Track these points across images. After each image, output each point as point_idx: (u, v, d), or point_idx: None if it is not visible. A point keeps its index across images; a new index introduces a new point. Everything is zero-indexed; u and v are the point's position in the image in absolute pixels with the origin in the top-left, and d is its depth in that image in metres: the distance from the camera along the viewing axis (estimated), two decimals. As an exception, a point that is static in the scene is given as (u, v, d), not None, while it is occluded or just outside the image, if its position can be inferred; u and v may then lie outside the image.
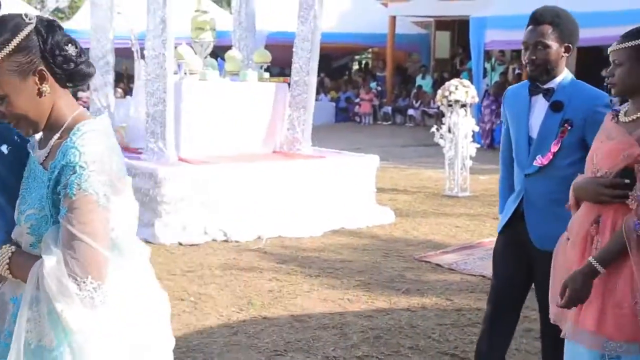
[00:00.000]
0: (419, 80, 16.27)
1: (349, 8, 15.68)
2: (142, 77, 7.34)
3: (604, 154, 1.97)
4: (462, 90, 7.71)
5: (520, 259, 2.64)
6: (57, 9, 18.27)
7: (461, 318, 4.13)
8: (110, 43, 7.49)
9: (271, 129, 7.18)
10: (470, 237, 6.21)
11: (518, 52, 11.94)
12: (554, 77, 2.52)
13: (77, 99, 5.67)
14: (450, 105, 7.81)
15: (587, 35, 8.52)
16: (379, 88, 17.18)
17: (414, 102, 15.45)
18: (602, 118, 2.21)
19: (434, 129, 8.59)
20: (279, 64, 8.13)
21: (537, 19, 2.50)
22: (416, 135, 13.80)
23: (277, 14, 12.66)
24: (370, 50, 20.34)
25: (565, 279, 1.97)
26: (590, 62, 12.70)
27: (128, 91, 12.70)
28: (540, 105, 2.56)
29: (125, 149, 6.74)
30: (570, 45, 2.50)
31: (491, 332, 2.76)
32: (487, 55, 13.21)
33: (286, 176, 6.52)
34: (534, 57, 2.48)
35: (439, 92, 8.02)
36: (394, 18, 15.47)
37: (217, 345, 3.90)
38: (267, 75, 7.31)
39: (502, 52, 14.50)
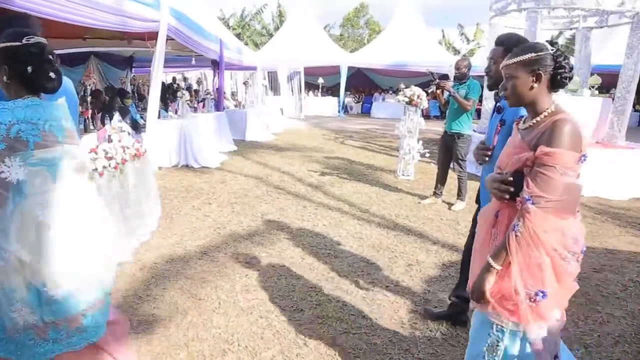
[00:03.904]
0: None
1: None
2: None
3: (503, 156, 1.85)
4: None
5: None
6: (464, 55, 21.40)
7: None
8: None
9: (598, 127, 8.28)
10: None
11: None
12: None
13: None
14: None
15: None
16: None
17: None
18: None
19: None
20: (605, 85, 9.15)
21: (495, 41, 2.53)
22: None
23: (606, 53, 13.80)
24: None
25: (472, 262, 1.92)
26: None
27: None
28: None
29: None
30: None
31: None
32: None
33: (604, 159, 7.27)
34: (488, 70, 2.58)
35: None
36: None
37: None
38: (596, 92, 8.32)
39: None
